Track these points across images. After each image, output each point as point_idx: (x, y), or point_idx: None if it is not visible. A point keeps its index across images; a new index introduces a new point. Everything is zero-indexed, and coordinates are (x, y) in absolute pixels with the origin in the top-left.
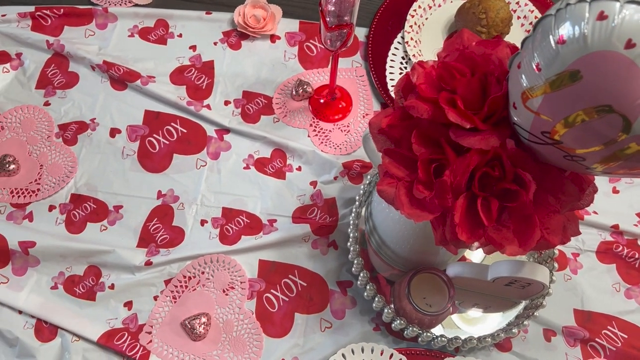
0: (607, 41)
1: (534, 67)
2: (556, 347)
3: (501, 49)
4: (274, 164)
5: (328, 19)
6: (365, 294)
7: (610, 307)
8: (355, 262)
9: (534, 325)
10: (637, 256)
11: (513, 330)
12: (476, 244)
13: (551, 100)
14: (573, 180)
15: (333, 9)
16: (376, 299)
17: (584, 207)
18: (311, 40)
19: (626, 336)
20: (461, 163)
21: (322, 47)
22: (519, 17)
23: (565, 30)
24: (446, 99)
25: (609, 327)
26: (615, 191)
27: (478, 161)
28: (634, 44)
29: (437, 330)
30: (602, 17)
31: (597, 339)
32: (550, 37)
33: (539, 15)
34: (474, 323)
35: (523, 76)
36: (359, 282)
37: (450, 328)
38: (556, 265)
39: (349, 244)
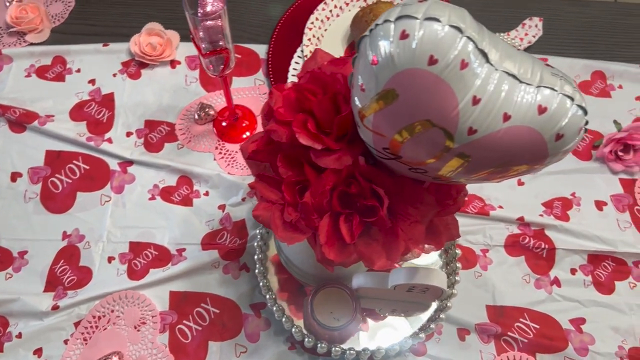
0: (411, 59)
1: (360, 87)
2: (470, 345)
3: (347, 68)
4: (180, 191)
5: (203, 46)
6: (276, 314)
7: (522, 299)
8: (261, 284)
9: (448, 325)
10: (543, 246)
11: (420, 335)
12: (415, 252)
13: (379, 118)
14: (438, 189)
15: (203, 35)
16: (283, 319)
17: (457, 210)
18: None
19: (538, 326)
20: (319, 183)
21: None
22: None
23: (376, 50)
24: (300, 122)
25: (521, 319)
26: (520, 183)
27: (334, 180)
28: (436, 59)
29: (348, 344)
30: (404, 35)
31: (509, 333)
32: (367, 57)
33: None
34: (392, 331)
35: (355, 96)
36: (268, 303)
37: (369, 339)
38: (459, 265)
39: (256, 266)
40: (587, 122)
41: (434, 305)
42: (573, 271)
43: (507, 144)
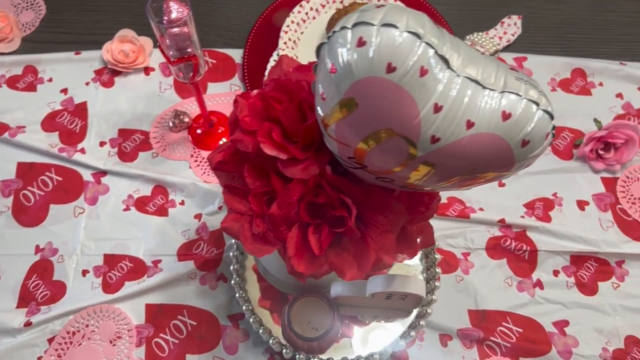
0: (369, 67)
1: (321, 96)
2: (453, 351)
3: (312, 74)
4: (155, 201)
5: (170, 53)
6: (254, 326)
7: (504, 303)
8: (237, 295)
9: (430, 331)
10: (525, 248)
11: (400, 343)
12: (400, 256)
13: (342, 127)
14: (410, 196)
15: (170, 43)
16: (261, 330)
17: (430, 217)
18: None
19: (521, 330)
20: (286, 194)
21: None
22: None
23: (334, 58)
24: (265, 131)
25: (503, 323)
26: (501, 184)
27: (301, 190)
28: (394, 67)
29: (328, 354)
30: (361, 43)
31: (492, 338)
32: (326, 65)
33: None
34: (372, 339)
35: (318, 105)
36: (246, 315)
37: (349, 348)
38: (439, 270)
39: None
40: (554, 127)
41: (416, 311)
42: (556, 273)
43: (472, 152)
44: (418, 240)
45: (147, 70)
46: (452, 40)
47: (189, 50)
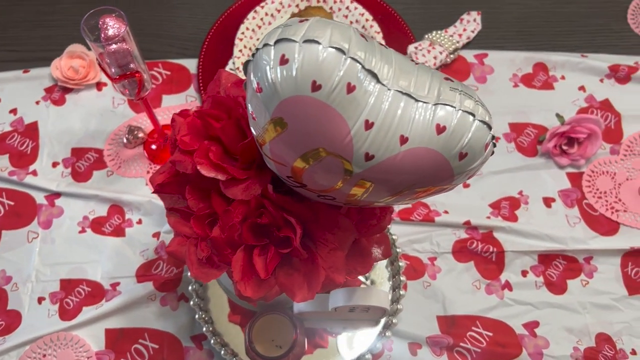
0: (294, 86)
1: (251, 115)
2: (422, 359)
3: None
4: (111, 221)
5: (112, 70)
6: (216, 347)
7: (473, 307)
8: (197, 316)
9: (399, 341)
10: (491, 249)
11: (367, 357)
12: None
13: (274, 147)
14: (361, 210)
15: (110, 60)
16: (222, 351)
17: (383, 229)
18: None
19: (491, 334)
20: (227, 216)
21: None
22: (351, 22)
23: (259, 77)
24: (202, 151)
25: (473, 328)
26: (465, 185)
27: (244, 211)
28: (319, 85)
29: None
30: (283, 61)
31: (462, 344)
32: (252, 85)
33: (370, 19)
34: (339, 354)
35: (251, 124)
36: (208, 336)
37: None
38: (404, 278)
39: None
40: (493, 137)
41: (383, 321)
42: (524, 273)
43: (409, 167)
44: (378, 251)
45: (99, 85)
46: (382, 51)
47: (131, 65)
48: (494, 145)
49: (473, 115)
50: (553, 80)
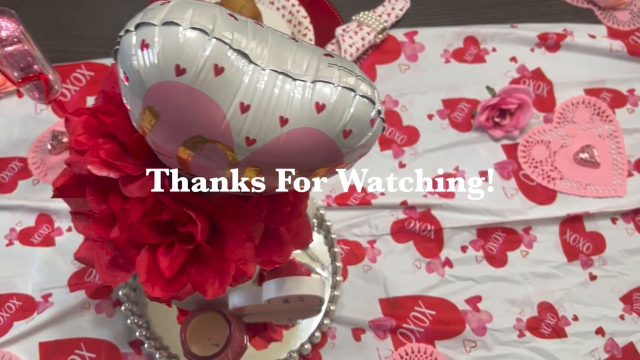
0: (157, 72)
1: (126, 107)
2: (367, 344)
3: None
4: (40, 231)
5: (15, 74)
6: (152, 351)
7: (414, 287)
8: (129, 321)
9: (342, 327)
10: (429, 227)
11: (306, 347)
12: None
13: (153, 137)
14: (273, 198)
15: (8, 63)
16: (157, 355)
17: (299, 215)
18: (63, 85)
19: (434, 312)
20: (124, 215)
21: (75, 89)
22: (278, 9)
23: (125, 66)
24: (94, 149)
25: (416, 308)
26: (401, 165)
27: (142, 209)
28: (183, 69)
29: None
30: (144, 45)
31: (405, 325)
32: (120, 75)
33: (296, 4)
34: (280, 346)
35: (131, 116)
36: (143, 340)
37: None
38: (340, 264)
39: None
40: (379, 112)
41: (324, 309)
42: (464, 249)
43: (293, 149)
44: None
45: (19, 92)
46: (256, 30)
47: (34, 67)
48: (383, 120)
49: (354, 90)
50: (484, 53)
